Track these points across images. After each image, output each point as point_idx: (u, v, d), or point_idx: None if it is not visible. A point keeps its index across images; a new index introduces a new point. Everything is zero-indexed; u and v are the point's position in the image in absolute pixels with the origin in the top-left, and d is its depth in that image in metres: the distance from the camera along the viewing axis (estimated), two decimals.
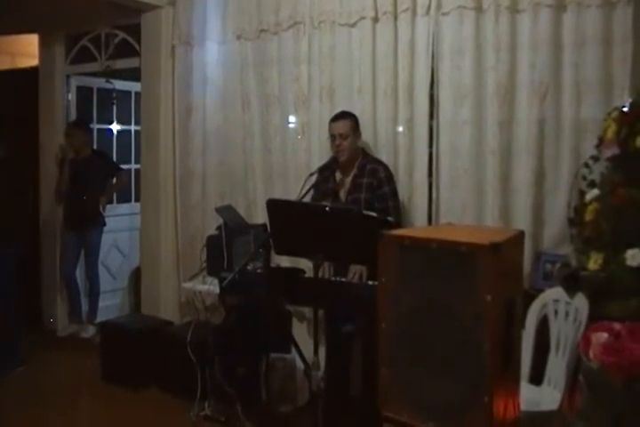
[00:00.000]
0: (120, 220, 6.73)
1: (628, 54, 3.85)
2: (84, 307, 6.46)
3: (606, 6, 3.89)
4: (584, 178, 3.69)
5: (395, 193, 4.27)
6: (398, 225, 4.14)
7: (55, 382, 5.23)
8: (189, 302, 5.19)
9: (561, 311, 3.55)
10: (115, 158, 6.76)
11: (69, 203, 6.27)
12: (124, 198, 6.92)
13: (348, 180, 4.34)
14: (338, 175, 4.38)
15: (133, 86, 6.64)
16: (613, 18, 3.89)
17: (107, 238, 6.48)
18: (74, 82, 6.72)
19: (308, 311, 4.54)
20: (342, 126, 4.29)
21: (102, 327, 5.44)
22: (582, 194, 3.60)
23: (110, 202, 6.62)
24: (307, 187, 4.18)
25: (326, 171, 4.36)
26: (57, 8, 6.00)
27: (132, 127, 6.96)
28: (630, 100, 3.46)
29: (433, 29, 4.35)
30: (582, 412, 2.94)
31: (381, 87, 4.52)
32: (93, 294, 6.40)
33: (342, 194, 4.35)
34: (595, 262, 3.32)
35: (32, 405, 4.72)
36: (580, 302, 3.34)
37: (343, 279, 3.84)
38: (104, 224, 6.36)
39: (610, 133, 3.42)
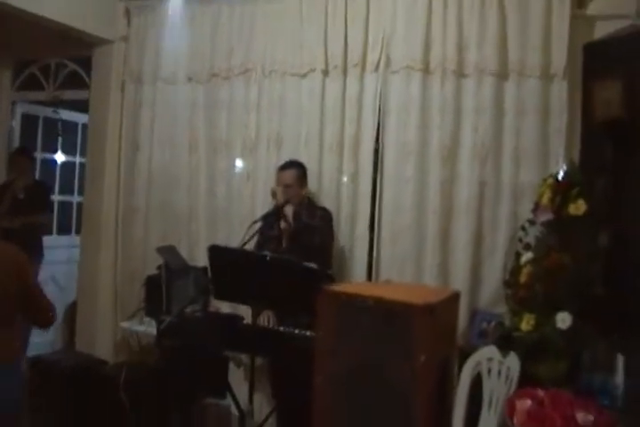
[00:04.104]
0: (59, 252, 6.62)
1: (563, 125, 4.07)
2: None
3: (544, 78, 4.10)
4: (520, 240, 3.84)
5: (326, 232, 4.29)
6: (324, 264, 4.06)
7: None
8: (125, 341, 5.14)
9: (494, 370, 3.57)
10: (57, 189, 6.68)
11: (6, 232, 6.14)
12: (65, 230, 6.82)
13: (292, 228, 4.34)
14: (282, 223, 4.39)
15: (80, 117, 6.59)
16: (551, 89, 4.11)
17: (44, 270, 6.35)
18: (19, 109, 6.63)
19: (245, 357, 4.54)
20: (288, 176, 4.31)
21: (32, 364, 5.29)
22: (518, 256, 3.74)
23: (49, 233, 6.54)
24: (249, 234, 4.20)
25: (270, 218, 4.39)
26: (8, 33, 5.91)
27: (77, 159, 6.89)
28: (565, 169, 3.63)
29: (381, 86, 4.47)
30: None
31: (328, 139, 4.61)
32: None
33: (285, 242, 4.34)
34: (527, 324, 3.45)
35: None
36: (513, 362, 3.40)
37: (282, 328, 3.86)
38: (42, 256, 6.25)
39: (545, 199, 3.57)
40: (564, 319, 3.32)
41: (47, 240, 6.39)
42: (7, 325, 3.18)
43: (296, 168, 4.38)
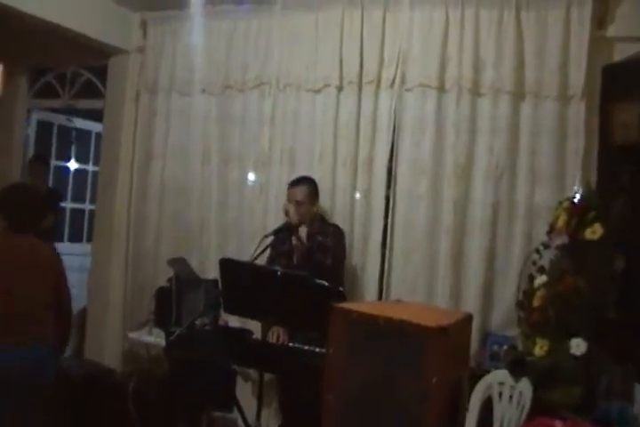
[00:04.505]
0: (70, 259, 6.58)
1: (580, 147, 4.03)
2: None
3: (562, 99, 4.07)
4: (534, 263, 3.79)
5: (339, 251, 4.24)
6: (335, 282, 4.03)
7: None
8: (133, 351, 5.13)
9: (505, 394, 3.55)
10: (70, 196, 6.70)
11: None
12: (76, 238, 6.82)
13: (304, 244, 4.32)
14: (294, 239, 4.37)
15: (94, 126, 6.62)
16: (568, 111, 4.08)
17: None
18: (35, 116, 6.65)
19: (253, 372, 4.52)
20: (299, 193, 4.27)
21: None
22: (532, 279, 3.70)
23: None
24: (261, 248, 4.18)
25: (282, 233, 4.36)
26: (25, 41, 5.92)
27: (90, 167, 6.91)
28: (581, 192, 3.59)
29: (395, 104, 4.46)
30: None
31: (342, 155, 4.59)
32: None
33: (295, 257, 4.33)
34: (540, 349, 3.40)
35: None
36: (525, 387, 3.38)
37: (291, 344, 3.83)
38: None
39: (560, 223, 3.53)
40: (578, 345, 3.28)
41: (59, 247, 6.36)
42: (43, 312, 3.56)
43: (307, 184, 4.34)
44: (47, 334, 3.57)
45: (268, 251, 4.24)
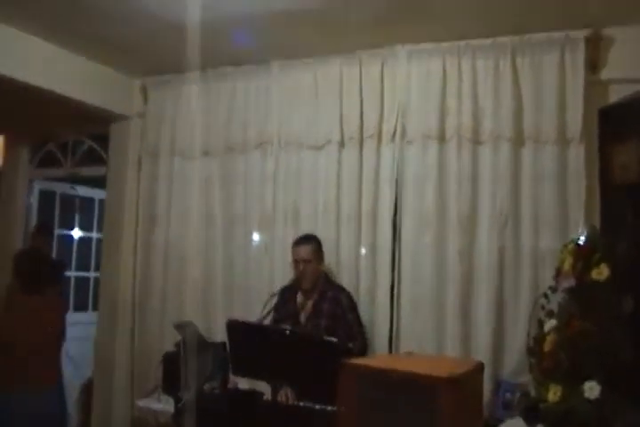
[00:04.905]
0: (75, 329, 6.54)
1: (582, 190, 4.03)
2: None
3: (561, 143, 4.10)
4: (543, 308, 3.75)
5: (359, 321, 4.24)
6: (364, 351, 4.12)
7: None
8: (142, 420, 5.03)
9: None
10: (74, 265, 6.68)
11: None
12: (81, 307, 6.78)
13: (309, 304, 4.29)
14: (299, 298, 4.34)
15: (97, 193, 6.68)
16: (568, 154, 4.10)
17: None
18: (37, 186, 6.71)
19: None
20: (304, 251, 4.27)
21: None
22: (541, 324, 3.65)
23: None
24: (268, 307, 4.13)
25: (287, 292, 4.34)
26: (26, 112, 6.02)
27: (94, 234, 6.93)
28: (585, 234, 3.57)
29: (397, 157, 4.48)
30: None
31: (345, 211, 4.60)
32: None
33: (303, 318, 4.29)
34: (554, 394, 3.33)
35: None
36: None
37: (302, 404, 3.76)
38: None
39: (567, 266, 3.50)
40: (591, 389, 3.20)
41: None
42: (51, 353, 4.37)
43: (312, 243, 4.34)
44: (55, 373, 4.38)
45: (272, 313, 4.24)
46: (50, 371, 4.34)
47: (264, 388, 3.95)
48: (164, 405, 4.56)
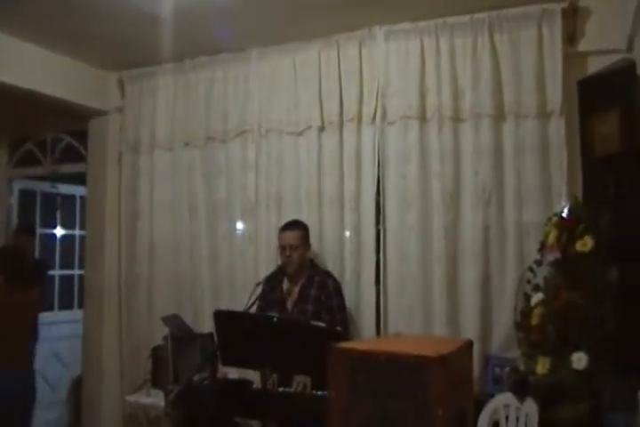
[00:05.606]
0: (61, 327, 6.51)
1: (564, 162, 4.03)
2: None
3: (542, 117, 4.09)
4: (529, 282, 3.77)
5: (342, 306, 4.22)
6: (345, 337, 4.07)
7: None
8: (133, 415, 4.99)
9: (512, 417, 3.49)
10: (58, 263, 6.63)
11: None
12: (66, 305, 6.73)
13: (296, 290, 4.27)
14: (285, 285, 4.32)
15: (78, 190, 6.61)
16: (549, 127, 4.09)
17: (46, 347, 6.20)
18: (16, 185, 6.64)
19: (256, 423, 4.39)
20: (292, 237, 4.24)
21: None
22: (528, 298, 3.68)
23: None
24: (254, 296, 4.10)
25: (273, 280, 4.32)
26: (3, 111, 5.93)
27: (77, 232, 6.88)
28: (568, 206, 3.57)
29: (378, 138, 4.47)
30: None
31: (327, 194, 4.59)
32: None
33: (289, 304, 4.27)
34: (542, 367, 3.37)
35: None
36: (530, 407, 3.34)
37: (291, 390, 3.74)
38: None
39: (551, 238, 3.53)
40: (579, 359, 3.23)
41: (49, 316, 6.26)
42: (23, 341, 4.63)
43: (299, 228, 4.32)
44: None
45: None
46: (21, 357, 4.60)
47: (254, 376, 3.93)
48: (154, 399, 4.55)
